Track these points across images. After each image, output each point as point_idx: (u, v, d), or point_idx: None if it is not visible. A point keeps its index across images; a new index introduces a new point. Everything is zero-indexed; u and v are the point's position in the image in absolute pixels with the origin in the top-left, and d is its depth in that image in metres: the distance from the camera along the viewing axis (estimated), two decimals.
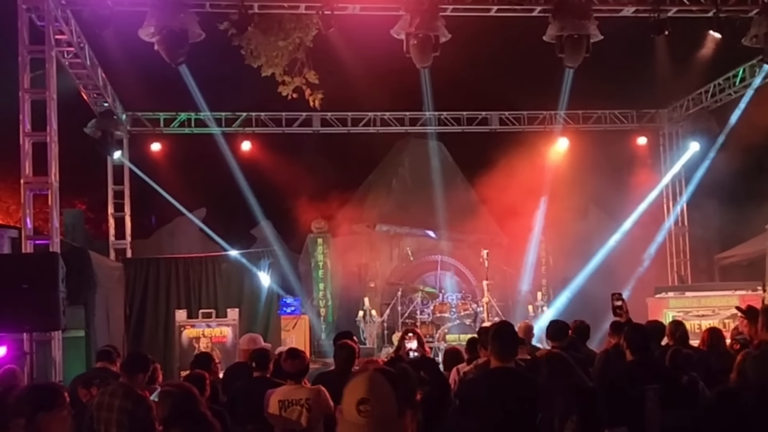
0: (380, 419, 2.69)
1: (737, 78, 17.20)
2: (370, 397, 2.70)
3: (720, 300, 15.99)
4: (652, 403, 6.29)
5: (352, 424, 2.69)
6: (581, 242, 20.34)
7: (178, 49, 11.13)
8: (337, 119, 18.69)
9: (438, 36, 11.52)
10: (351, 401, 2.71)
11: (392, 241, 20.06)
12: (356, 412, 2.69)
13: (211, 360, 8.35)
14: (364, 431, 2.67)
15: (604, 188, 20.02)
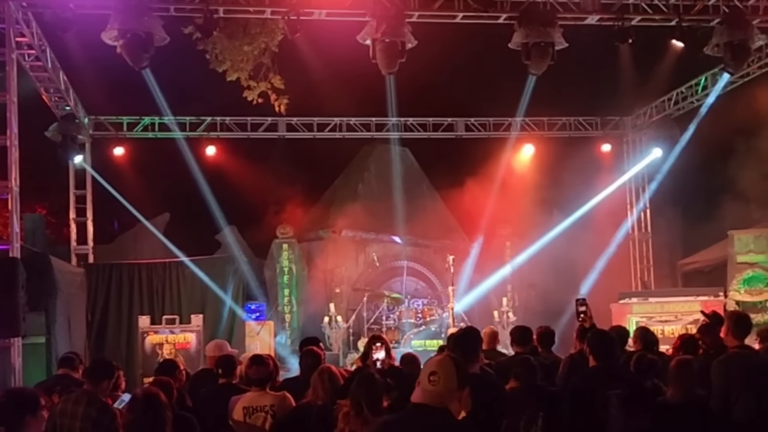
0: (444, 388, 3.82)
1: (699, 86, 17.41)
2: (438, 371, 3.85)
3: (682, 306, 16.19)
4: (614, 408, 6.32)
5: (424, 390, 3.84)
6: (546, 248, 20.44)
7: (142, 53, 11.01)
8: (303, 124, 18.62)
9: (404, 42, 11.52)
10: (425, 373, 3.89)
11: (358, 247, 20.01)
12: (428, 381, 3.84)
13: (177, 366, 8.27)
14: (433, 394, 3.81)
15: (569, 194, 20.14)
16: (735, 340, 6.71)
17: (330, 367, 6.58)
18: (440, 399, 3.81)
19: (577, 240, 20.61)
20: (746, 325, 6.86)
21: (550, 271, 20.41)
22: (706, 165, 19.70)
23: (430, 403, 3.84)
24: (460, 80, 18.77)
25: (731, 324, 6.79)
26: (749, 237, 16.86)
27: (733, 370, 6.48)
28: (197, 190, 18.14)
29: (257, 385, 6.90)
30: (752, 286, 16.36)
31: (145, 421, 4.86)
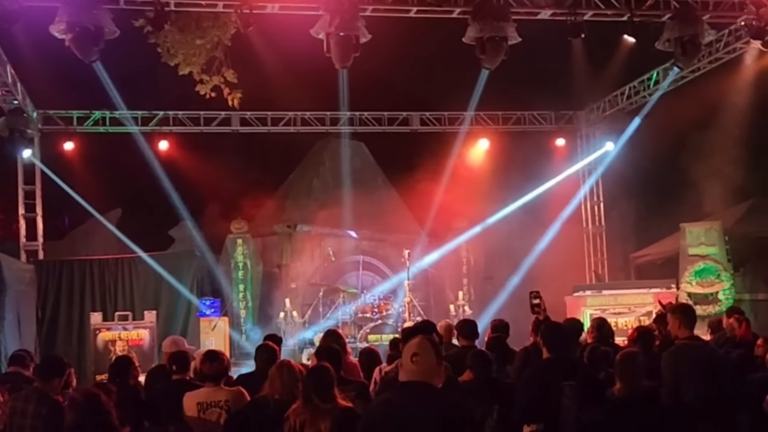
0: (426, 366, 4.35)
1: (651, 81, 17.60)
2: (419, 351, 4.37)
3: (635, 298, 16.39)
4: (568, 399, 6.36)
5: (409, 370, 4.36)
6: (501, 242, 20.57)
7: (91, 46, 10.82)
8: (257, 119, 18.50)
9: (358, 36, 11.47)
10: (407, 355, 4.39)
11: (313, 242, 19.94)
12: (411, 362, 4.34)
13: (131, 363, 8.19)
14: (417, 373, 4.33)
15: (524, 188, 20.26)
16: (685, 331, 6.78)
17: (289, 362, 6.55)
18: (424, 375, 4.35)
19: (533, 233, 20.78)
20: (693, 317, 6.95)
21: (506, 264, 20.56)
22: (658, 159, 19.93)
23: (416, 380, 4.34)
24: (415, 75, 18.73)
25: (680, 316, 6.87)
26: (700, 230, 17.08)
27: (683, 361, 6.56)
28: (150, 185, 17.95)
29: (211, 381, 6.88)
30: (703, 278, 16.58)
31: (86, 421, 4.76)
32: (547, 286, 19.19)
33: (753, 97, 16.68)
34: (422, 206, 19.87)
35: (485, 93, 17.22)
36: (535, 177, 20.11)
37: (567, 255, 20.26)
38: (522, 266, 20.47)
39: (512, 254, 20.61)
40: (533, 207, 20.40)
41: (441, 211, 19.78)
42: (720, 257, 16.66)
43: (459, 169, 19.59)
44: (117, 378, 7.59)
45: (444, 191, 19.40)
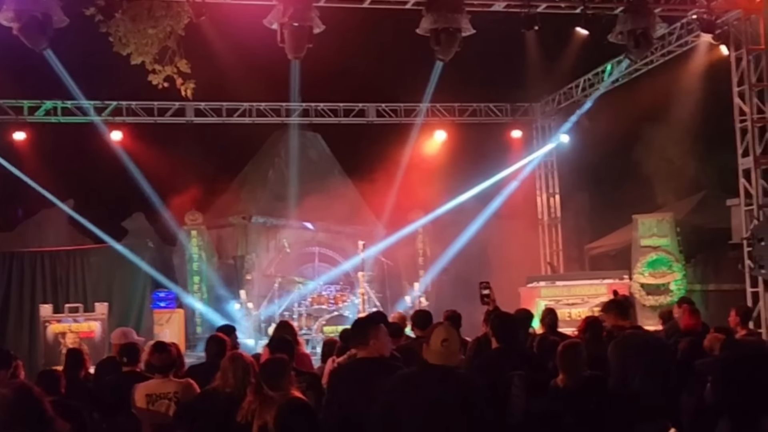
0: (453, 350, 5.01)
1: (605, 73, 17.74)
2: (449, 338, 4.98)
3: (589, 289, 16.57)
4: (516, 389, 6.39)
5: (438, 353, 4.93)
6: (458, 233, 20.66)
7: (40, 35, 10.64)
8: (212, 109, 18.35)
9: (312, 27, 11.42)
10: (437, 340, 4.95)
11: (269, 233, 19.84)
12: (441, 346, 4.92)
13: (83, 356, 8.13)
14: (445, 356, 4.92)
15: (481, 180, 20.35)
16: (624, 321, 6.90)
17: (242, 354, 6.54)
18: (449, 359, 4.97)
19: (489, 225, 20.91)
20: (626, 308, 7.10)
21: (463, 255, 20.66)
22: (613, 151, 20.14)
23: (444, 363, 4.93)
24: (372, 66, 18.72)
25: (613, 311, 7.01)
26: (652, 221, 17.30)
27: (629, 350, 6.65)
28: (103, 176, 17.77)
29: (160, 373, 6.87)
30: (656, 269, 16.81)
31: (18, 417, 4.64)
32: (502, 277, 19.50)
33: (705, 90, 16.89)
34: (379, 198, 19.88)
35: (442, 85, 17.25)
36: (491, 169, 20.21)
37: (523, 246, 20.43)
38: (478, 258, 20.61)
39: (468, 246, 20.73)
40: (489, 199, 20.50)
41: (397, 202, 19.83)
42: (672, 248, 16.90)
43: (415, 161, 19.63)
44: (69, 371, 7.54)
45: (401, 183, 19.45)
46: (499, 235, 20.74)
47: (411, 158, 19.54)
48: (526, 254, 20.45)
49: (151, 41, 12.63)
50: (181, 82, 13.22)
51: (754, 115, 13.97)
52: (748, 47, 13.95)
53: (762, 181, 13.97)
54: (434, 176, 19.74)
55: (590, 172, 21.10)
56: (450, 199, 19.87)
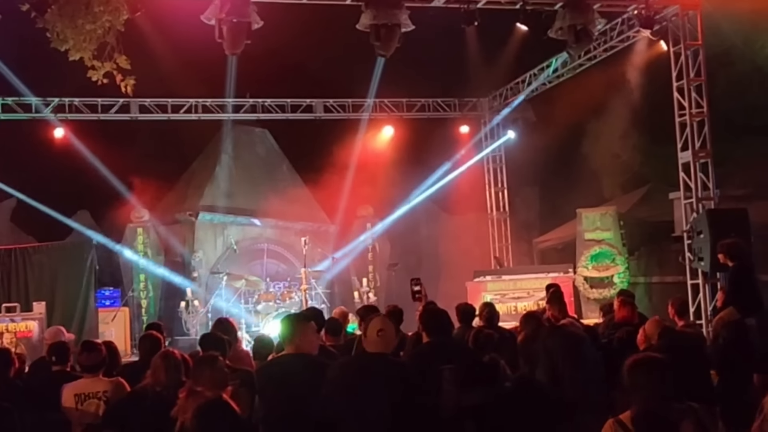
0: (388, 340, 5.48)
1: (550, 68, 17.89)
2: (384, 328, 5.46)
3: (534, 282, 16.66)
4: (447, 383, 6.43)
5: (374, 342, 5.41)
6: (407, 229, 20.73)
7: None
8: (157, 106, 18.17)
9: (250, 23, 11.38)
10: (373, 330, 5.44)
11: (216, 230, 19.69)
12: (377, 336, 5.40)
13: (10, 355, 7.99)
14: (381, 344, 5.39)
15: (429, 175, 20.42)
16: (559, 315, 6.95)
17: (173, 352, 6.50)
18: (385, 347, 5.46)
19: (438, 220, 21.03)
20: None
21: (413, 251, 20.74)
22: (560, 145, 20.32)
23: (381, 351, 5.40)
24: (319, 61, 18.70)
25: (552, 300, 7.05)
26: (596, 215, 17.50)
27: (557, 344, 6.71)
28: (46, 175, 17.53)
29: (89, 372, 6.87)
30: (599, 262, 17.00)
31: None
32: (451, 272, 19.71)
33: (649, 84, 17.15)
34: (327, 193, 19.87)
35: (390, 80, 17.32)
36: (439, 164, 20.29)
37: (472, 241, 20.57)
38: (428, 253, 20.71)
39: (418, 241, 20.81)
40: (438, 194, 20.59)
41: (346, 198, 19.82)
42: (615, 242, 17.10)
43: (364, 157, 19.65)
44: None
45: (349, 178, 19.46)
46: (450, 230, 20.88)
47: (360, 154, 19.59)
48: (476, 249, 20.57)
49: (89, 37, 12.44)
50: (121, 78, 13.04)
51: (693, 110, 14.19)
52: (686, 43, 14.17)
53: (701, 175, 14.20)
54: (383, 172, 19.77)
55: (539, 166, 21.26)
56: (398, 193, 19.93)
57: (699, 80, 14.21)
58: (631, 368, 4.65)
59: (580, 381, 6.66)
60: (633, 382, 4.61)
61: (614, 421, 4.56)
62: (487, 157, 20.86)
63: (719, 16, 14.88)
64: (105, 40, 12.48)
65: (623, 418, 4.56)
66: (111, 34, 12.53)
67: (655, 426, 4.47)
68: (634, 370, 4.63)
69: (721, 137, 14.91)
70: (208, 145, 20.39)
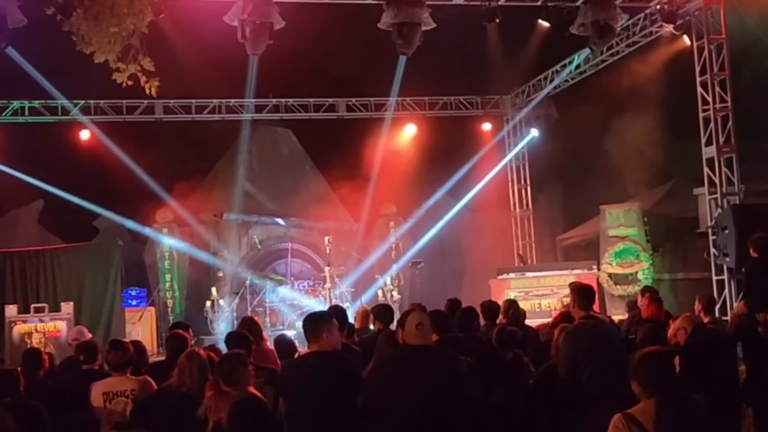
0: (427, 333, 5.55)
1: (573, 65, 17.83)
2: (422, 321, 5.52)
3: (558, 279, 16.62)
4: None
5: (414, 335, 5.47)
6: (430, 227, 20.73)
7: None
8: (181, 107, 18.34)
9: (272, 23, 11.43)
10: (412, 324, 5.50)
11: (240, 230, 19.84)
12: (416, 329, 5.47)
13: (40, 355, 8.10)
14: (420, 338, 5.46)
15: (452, 174, 20.42)
16: (581, 311, 6.93)
17: (199, 352, 6.55)
18: (425, 339, 5.52)
19: (461, 218, 20.99)
20: (590, 296, 7.10)
21: (435, 249, 20.73)
22: (584, 142, 20.22)
23: (422, 344, 5.47)
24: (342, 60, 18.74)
25: (576, 296, 7.02)
26: (619, 211, 17.43)
27: (580, 339, 6.70)
28: (73, 176, 17.69)
29: (117, 370, 6.89)
30: (623, 259, 16.94)
31: None
32: (474, 269, 19.70)
33: (673, 79, 17.02)
34: (351, 192, 19.93)
35: (412, 79, 17.31)
36: (462, 162, 20.28)
37: (495, 239, 20.52)
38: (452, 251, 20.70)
39: (441, 239, 20.80)
40: (461, 191, 20.58)
41: (369, 196, 19.87)
42: (639, 238, 17.02)
43: (387, 155, 19.68)
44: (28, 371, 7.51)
45: (372, 177, 19.51)
46: (473, 228, 20.84)
47: (382, 152, 19.61)
48: (499, 246, 20.54)
49: (113, 39, 12.54)
50: (146, 80, 13.15)
51: (717, 105, 14.10)
52: (710, 37, 14.08)
53: (726, 170, 14.12)
54: (406, 170, 19.79)
55: (562, 163, 21.19)
56: (421, 191, 19.95)
57: (723, 75, 14.12)
58: (638, 362, 4.68)
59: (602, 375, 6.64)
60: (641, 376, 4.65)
61: (623, 415, 4.56)
62: (509, 155, 20.80)
63: (743, 10, 14.78)
64: (129, 43, 12.58)
65: (632, 412, 4.57)
66: (135, 36, 12.62)
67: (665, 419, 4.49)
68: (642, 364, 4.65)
69: (746, 132, 14.79)
70: (231, 145, 20.49)
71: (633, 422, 4.50)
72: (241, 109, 18.81)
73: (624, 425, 4.52)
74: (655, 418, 4.48)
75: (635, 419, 4.51)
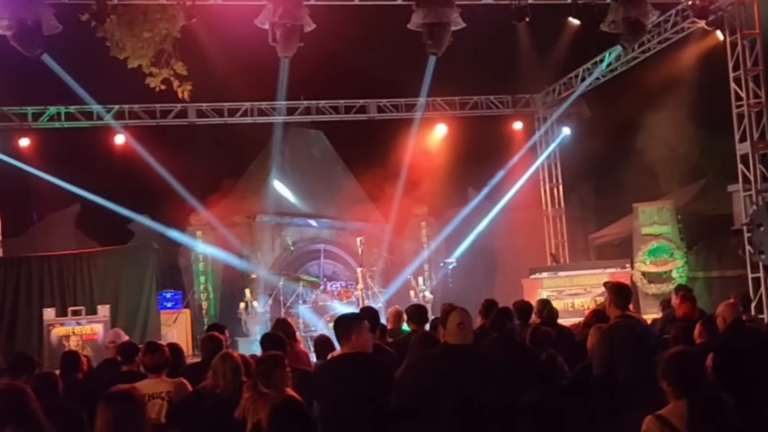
0: (468, 332, 5.65)
1: (603, 62, 17.74)
2: (464, 321, 5.62)
3: (591, 278, 16.53)
4: None
5: (455, 334, 5.59)
6: (462, 227, 20.72)
7: (32, 41, 10.79)
8: (214, 110, 18.49)
9: (302, 26, 11.51)
10: (453, 323, 5.61)
11: (273, 232, 19.95)
12: (457, 328, 5.58)
13: (78, 358, 8.20)
14: (463, 337, 5.59)
15: (483, 173, 20.41)
16: (617, 310, 6.90)
17: (232, 353, 6.60)
18: (466, 339, 5.62)
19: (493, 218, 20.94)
20: (627, 296, 7.06)
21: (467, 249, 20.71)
22: (615, 140, 20.15)
23: (463, 343, 5.60)
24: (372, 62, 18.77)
25: (612, 295, 6.98)
26: (653, 209, 17.31)
27: (616, 338, 6.67)
28: (108, 180, 17.90)
29: (153, 372, 6.92)
30: (657, 257, 16.82)
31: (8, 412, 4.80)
32: (506, 269, 19.66)
33: (705, 76, 16.88)
34: (382, 193, 19.97)
35: (442, 79, 17.31)
36: (493, 161, 20.26)
37: (527, 238, 20.48)
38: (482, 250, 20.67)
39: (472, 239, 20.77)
40: (492, 191, 20.55)
41: (401, 197, 19.91)
42: (673, 236, 16.90)
43: (418, 155, 19.70)
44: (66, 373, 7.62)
45: (403, 177, 19.53)
46: (505, 227, 20.80)
47: (413, 153, 19.62)
48: (531, 245, 20.50)
49: (147, 45, 12.70)
50: (178, 84, 13.29)
51: (751, 100, 13.97)
52: (743, 32, 13.96)
53: (760, 166, 13.98)
54: (437, 170, 19.82)
55: (594, 161, 21.10)
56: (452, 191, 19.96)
57: (756, 70, 13.98)
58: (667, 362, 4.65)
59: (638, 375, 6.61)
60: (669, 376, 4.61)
61: (655, 416, 4.51)
62: (541, 153, 20.74)
63: None
64: (162, 47, 12.74)
65: (664, 413, 4.52)
66: (168, 41, 12.77)
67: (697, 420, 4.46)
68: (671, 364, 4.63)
69: None
70: (264, 147, 20.62)
71: (665, 423, 4.45)
72: (272, 112, 18.90)
73: (656, 427, 4.48)
74: (686, 419, 4.44)
75: (667, 420, 4.46)
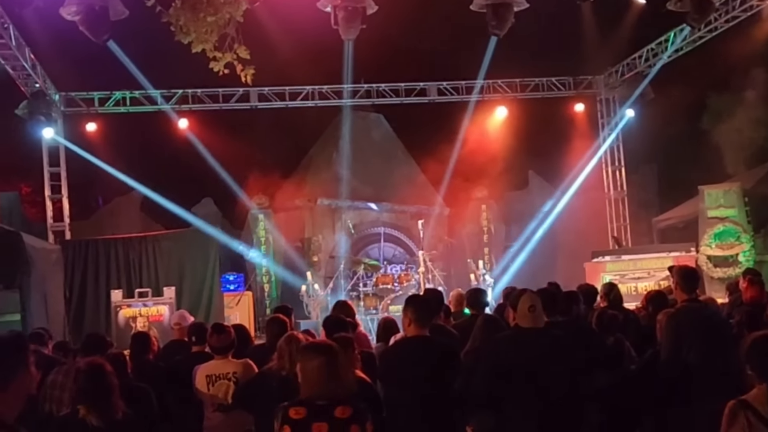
0: (539, 315, 5.62)
1: (669, 42, 17.42)
2: (535, 304, 5.60)
3: (655, 262, 16.31)
4: None
5: (526, 317, 5.57)
6: (522, 210, 20.59)
7: (99, 27, 10.99)
8: (275, 94, 18.61)
9: (365, 8, 11.51)
10: (524, 307, 5.60)
11: (334, 215, 20.06)
12: (528, 311, 5.57)
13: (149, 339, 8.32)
14: (533, 319, 5.57)
15: (544, 156, 20.22)
16: (684, 294, 6.79)
17: (297, 335, 6.64)
18: (538, 322, 5.62)
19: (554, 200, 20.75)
20: (694, 279, 6.94)
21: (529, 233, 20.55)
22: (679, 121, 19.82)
23: (535, 326, 5.59)
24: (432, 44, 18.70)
25: (679, 279, 6.87)
26: (719, 192, 16.97)
27: (683, 323, 6.58)
28: (172, 164, 18.16)
29: (219, 353, 7.00)
30: (723, 241, 16.51)
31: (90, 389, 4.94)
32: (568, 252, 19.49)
33: None
34: (442, 176, 19.91)
35: (503, 61, 17.19)
36: (554, 144, 20.06)
37: (589, 221, 20.27)
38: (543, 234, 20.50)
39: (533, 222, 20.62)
40: (553, 174, 20.36)
41: (461, 180, 19.84)
42: (740, 219, 16.56)
43: (478, 138, 19.58)
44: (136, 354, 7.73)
45: (463, 161, 19.44)
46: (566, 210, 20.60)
47: (473, 136, 19.51)
48: (593, 229, 20.28)
49: (210, 29, 12.79)
50: (241, 68, 13.37)
51: None
52: None
53: None
54: (497, 153, 19.69)
55: (658, 143, 20.77)
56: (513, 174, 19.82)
57: None
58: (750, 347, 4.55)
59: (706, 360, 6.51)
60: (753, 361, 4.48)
61: (738, 401, 4.40)
62: (603, 135, 20.47)
63: None
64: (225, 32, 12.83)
65: (748, 398, 4.41)
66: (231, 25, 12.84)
67: None
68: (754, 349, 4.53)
69: None
70: (324, 131, 20.72)
71: (749, 409, 4.36)
72: (333, 95, 18.96)
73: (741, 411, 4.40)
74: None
75: (750, 405, 4.35)
